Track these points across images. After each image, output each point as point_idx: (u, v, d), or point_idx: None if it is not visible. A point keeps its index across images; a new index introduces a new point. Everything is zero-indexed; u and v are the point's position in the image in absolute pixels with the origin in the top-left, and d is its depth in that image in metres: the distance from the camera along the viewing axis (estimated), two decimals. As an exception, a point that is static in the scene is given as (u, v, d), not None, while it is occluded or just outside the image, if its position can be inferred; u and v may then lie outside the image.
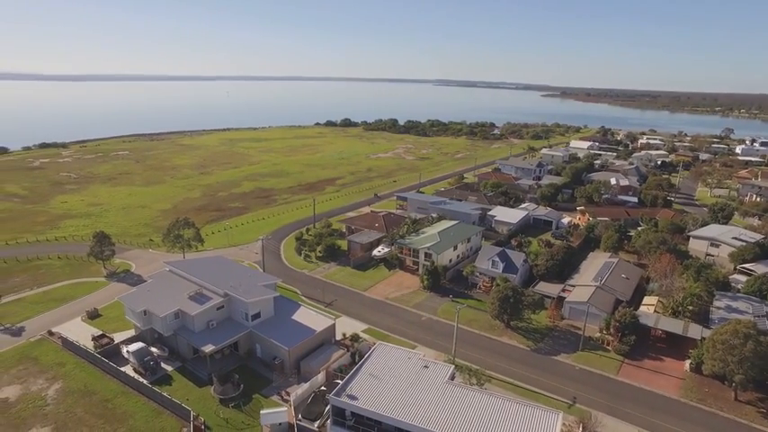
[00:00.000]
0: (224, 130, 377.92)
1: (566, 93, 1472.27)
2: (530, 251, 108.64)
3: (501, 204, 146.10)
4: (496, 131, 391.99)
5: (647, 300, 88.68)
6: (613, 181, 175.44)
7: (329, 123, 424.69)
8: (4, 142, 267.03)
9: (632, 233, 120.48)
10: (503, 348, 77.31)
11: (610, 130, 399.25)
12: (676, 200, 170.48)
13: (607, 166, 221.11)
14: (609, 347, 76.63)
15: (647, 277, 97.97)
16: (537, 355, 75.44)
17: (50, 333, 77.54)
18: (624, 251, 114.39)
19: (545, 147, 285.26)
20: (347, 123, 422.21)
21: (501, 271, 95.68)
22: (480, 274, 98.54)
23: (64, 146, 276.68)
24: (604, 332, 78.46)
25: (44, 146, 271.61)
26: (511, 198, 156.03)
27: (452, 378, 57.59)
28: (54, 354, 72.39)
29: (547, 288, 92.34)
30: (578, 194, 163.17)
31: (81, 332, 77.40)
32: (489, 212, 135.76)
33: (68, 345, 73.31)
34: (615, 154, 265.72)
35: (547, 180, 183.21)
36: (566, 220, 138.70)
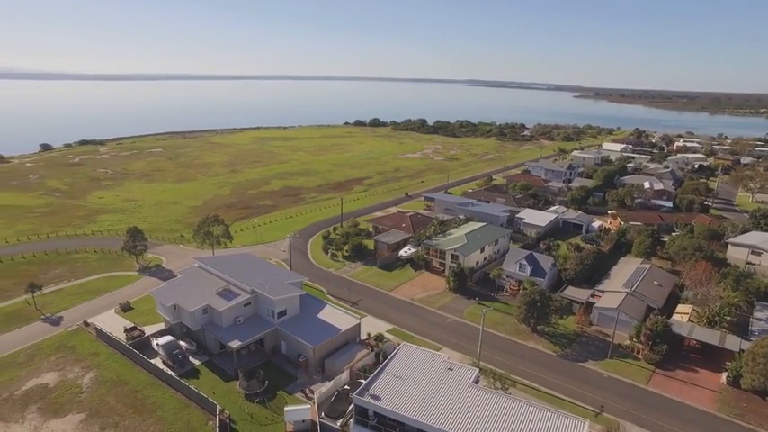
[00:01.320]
0: (254, 128, 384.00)
1: (599, 94, 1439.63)
2: (558, 255, 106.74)
3: (530, 207, 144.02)
4: (526, 133, 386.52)
5: (680, 308, 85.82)
6: (647, 185, 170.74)
7: (358, 123, 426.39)
8: (48, 139, 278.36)
9: (666, 239, 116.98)
10: (529, 353, 76.18)
11: (644, 132, 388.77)
12: (714, 205, 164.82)
13: (641, 169, 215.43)
14: (639, 356, 74.58)
15: (681, 285, 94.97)
16: (564, 361, 74.06)
17: (86, 324, 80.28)
18: (657, 257, 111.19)
19: (576, 149, 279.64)
20: (376, 123, 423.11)
21: (528, 274, 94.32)
22: (507, 276, 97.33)
23: (102, 143, 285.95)
24: (634, 340, 76.37)
25: (84, 143, 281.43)
26: (540, 200, 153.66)
27: (477, 381, 57.00)
28: (89, 344, 74.91)
29: (575, 293, 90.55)
30: (610, 198, 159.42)
31: (114, 324, 79.88)
32: (518, 215, 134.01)
33: (102, 335, 75.74)
34: (650, 157, 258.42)
35: (577, 183, 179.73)
36: (596, 223, 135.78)
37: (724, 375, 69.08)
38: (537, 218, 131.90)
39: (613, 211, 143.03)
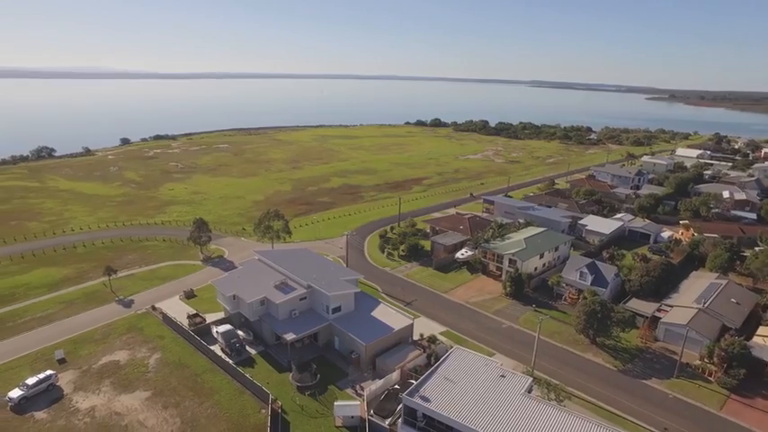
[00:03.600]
0: (317, 126, 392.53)
1: (675, 96, 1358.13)
2: (622, 265, 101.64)
3: (593, 213, 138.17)
4: (593, 136, 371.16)
5: (762, 330, 79.01)
6: (726, 194, 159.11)
7: (419, 123, 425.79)
8: (127, 134, 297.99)
9: (747, 253, 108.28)
10: (586, 365, 73.03)
11: (725, 137, 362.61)
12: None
13: (720, 177, 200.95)
14: (711, 378, 69.43)
15: (763, 305, 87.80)
16: (624, 377, 70.35)
17: (153, 308, 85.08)
18: (736, 273, 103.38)
19: (646, 154, 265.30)
20: (437, 123, 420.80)
21: (589, 283, 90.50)
22: (567, 285, 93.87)
23: (174, 138, 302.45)
24: (706, 361, 71.26)
25: (158, 137, 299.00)
26: (605, 207, 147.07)
27: (530, 391, 55.29)
28: (155, 327, 79.32)
29: (640, 306, 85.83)
30: (683, 207, 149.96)
31: (178, 310, 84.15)
32: (580, 221, 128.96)
33: (167, 320, 79.97)
34: (731, 164, 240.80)
35: (646, 190, 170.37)
36: (666, 233, 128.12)
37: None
38: (601, 225, 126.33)
39: (686, 222, 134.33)
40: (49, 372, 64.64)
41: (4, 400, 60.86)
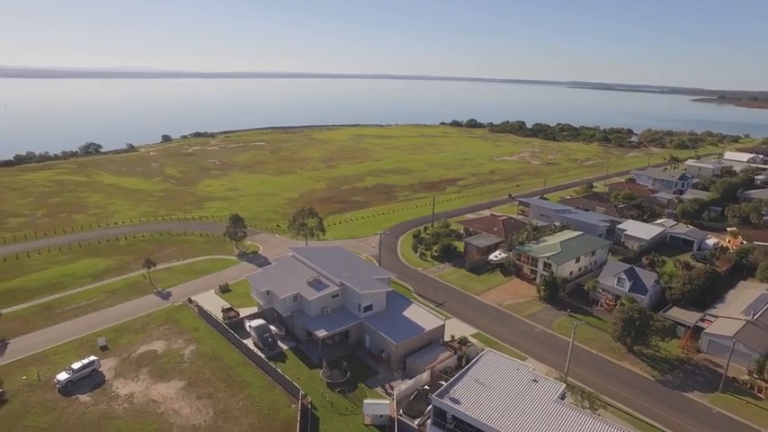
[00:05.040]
0: (352, 126, 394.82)
1: (724, 97, 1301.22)
2: (663, 272, 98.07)
3: (633, 218, 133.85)
4: (634, 139, 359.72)
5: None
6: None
7: (454, 123, 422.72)
8: (168, 131, 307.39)
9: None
10: (622, 374, 70.82)
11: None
12: None
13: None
14: (761, 395, 66.10)
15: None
16: (663, 388, 67.86)
17: (190, 301, 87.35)
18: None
19: (691, 158, 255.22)
20: (473, 124, 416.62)
21: (627, 290, 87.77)
22: (603, 290, 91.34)
23: (212, 135, 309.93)
24: (755, 376, 67.99)
25: (197, 135, 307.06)
26: (645, 212, 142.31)
27: (563, 397, 54.02)
28: (191, 319, 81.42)
29: (681, 315, 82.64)
30: (730, 213, 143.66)
31: (213, 303, 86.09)
32: (619, 226, 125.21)
33: (203, 313, 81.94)
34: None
35: (690, 195, 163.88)
36: (711, 241, 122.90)
37: None
38: (641, 230, 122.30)
39: (734, 229, 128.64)
40: (92, 357, 67.55)
41: (53, 381, 63.92)
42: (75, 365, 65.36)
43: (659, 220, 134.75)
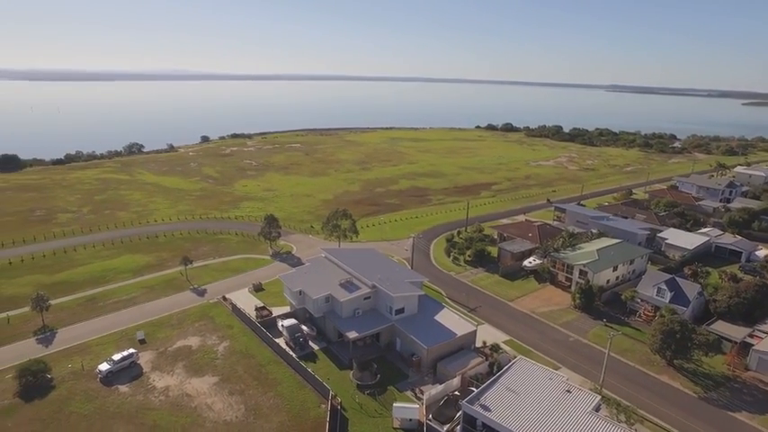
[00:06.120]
0: (387, 128, 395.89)
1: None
2: (707, 283, 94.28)
3: (675, 226, 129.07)
4: (677, 144, 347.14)
5: None
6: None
7: (490, 127, 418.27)
8: (207, 132, 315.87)
9: None
10: (661, 388, 68.25)
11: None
12: None
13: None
14: (813, 417, 62.61)
15: None
16: (706, 406, 64.96)
17: (224, 298, 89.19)
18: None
19: (740, 164, 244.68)
20: (508, 128, 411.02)
21: (668, 301, 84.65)
22: (642, 300, 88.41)
23: (249, 137, 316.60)
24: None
25: (234, 136, 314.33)
26: (688, 220, 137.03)
27: (597, 410, 52.58)
28: (225, 316, 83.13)
29: (727, 329, 79.13)
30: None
31: (247, 301, 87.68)
32: (659, 234, 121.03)
33: (236, 311, 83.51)
34: None
35: (739, 203, 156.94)
36: (761, 252, 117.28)
37: None
38: (683, 239, 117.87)
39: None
40: (131, 350, 69.89)
41: (95, 371, 66.51)
42: (116, 357, 67.85)
43: (703, 230, 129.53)
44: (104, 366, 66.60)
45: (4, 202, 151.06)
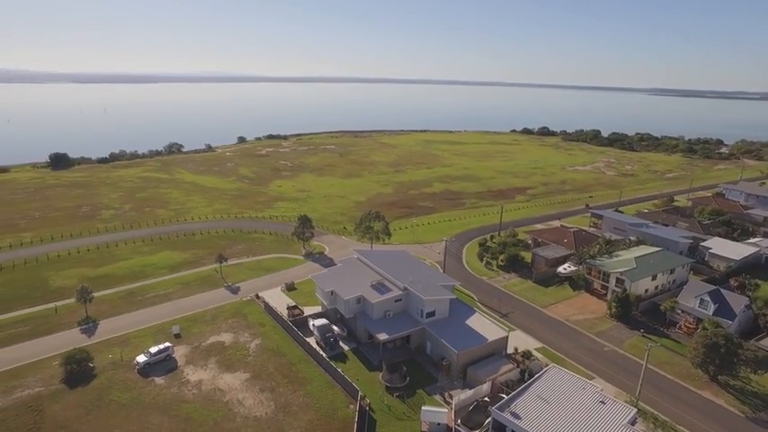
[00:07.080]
0: (421, 131, 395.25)
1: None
2: (756, 296, 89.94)
3: (720, 236, 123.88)
4: (724, 150, 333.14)
5: None
6: None
7: (525, 131, 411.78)
8: (243, 132, 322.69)
9: None
10: (703, 405, 65.43)
11: None
12: None
13: None
14: None
15: None
16: (755, 427, 61.60)
17: (257, 296, 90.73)
18: None
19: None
20: (544, 132, 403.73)
21: (711, 313, 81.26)
22: (683, 312, 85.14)
23: (284, 138, 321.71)
24: None
25: (270, 137, 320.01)
26: (736, 230, 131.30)
27: (633, 423, 50.92)
28: (258, 314, 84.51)
29: (775, 344, 75.38)
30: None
31: (279, 300, 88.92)
32: (703, 243, 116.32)
33: (269, 309, 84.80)
34: None
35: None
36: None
37: None
38: (729, 249, 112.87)
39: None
40: (167, 344, 71.86)
41: (133, 363, 68.84)
42: (153, 350, 69.96)
43: (753, 240, 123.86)
44: (142, 358, 68.85)
45: (55, 198, 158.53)
